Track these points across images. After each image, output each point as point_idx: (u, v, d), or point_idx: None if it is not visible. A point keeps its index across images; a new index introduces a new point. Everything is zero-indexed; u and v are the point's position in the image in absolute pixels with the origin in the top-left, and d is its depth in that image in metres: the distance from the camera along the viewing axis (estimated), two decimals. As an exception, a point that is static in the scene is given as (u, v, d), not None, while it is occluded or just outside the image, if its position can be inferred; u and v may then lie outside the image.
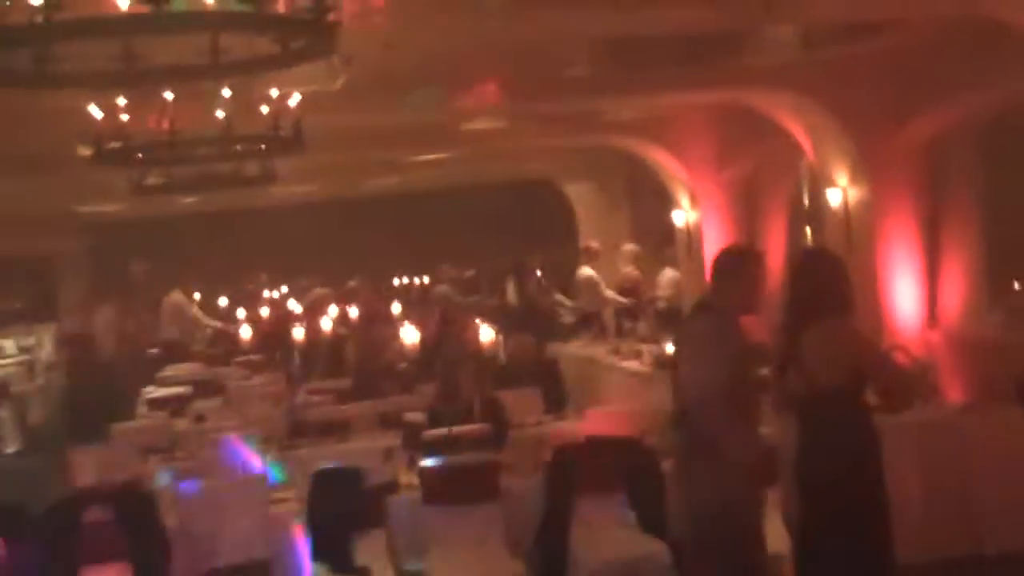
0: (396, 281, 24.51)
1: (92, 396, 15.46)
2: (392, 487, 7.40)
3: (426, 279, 21.58)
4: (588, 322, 16.22)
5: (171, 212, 23.70)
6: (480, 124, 15.18)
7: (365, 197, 23.14)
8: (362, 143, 15.92)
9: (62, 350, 18.12)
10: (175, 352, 15.86)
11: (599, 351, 14.28)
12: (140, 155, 10.04)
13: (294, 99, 7.55)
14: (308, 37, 4.49)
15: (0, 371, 18.52)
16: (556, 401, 10.03)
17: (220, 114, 8.45)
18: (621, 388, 12.99)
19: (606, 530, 7.15)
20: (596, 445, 7.52)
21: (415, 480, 7.24)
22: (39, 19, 4.06)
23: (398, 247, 22.09)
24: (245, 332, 11.08)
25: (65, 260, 26.38)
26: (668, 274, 15.95)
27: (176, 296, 17.40)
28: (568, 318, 16.88)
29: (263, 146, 8.74)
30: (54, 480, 9.48)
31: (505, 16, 7.51)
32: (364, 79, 9.26)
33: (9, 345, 23.25)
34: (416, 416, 8.59)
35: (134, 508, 6.86)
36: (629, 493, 7.23)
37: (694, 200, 15.60)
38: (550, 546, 7.11)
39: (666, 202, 16.43)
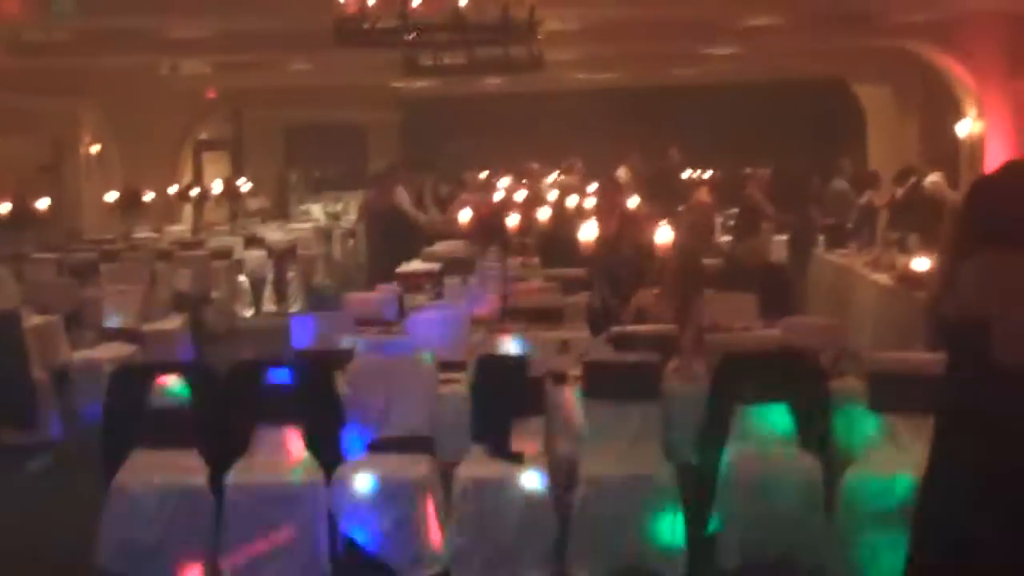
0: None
1: (377, 261, 16.34)
2: (560, 378, 7.56)
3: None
4: (859, 231, 15.77)
5: (479, 92, 24.37)
6: (759, 20, 14.91)
7: (660, 87, 23.17)
8: (645, 35, 15.95)
9: (361, 218, 19.05)
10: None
11: (857, 261, 13.89)
12: (412, 35, 10.48)
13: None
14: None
15: (292, 235, 19.58)
16: (775, 308, 9.86)
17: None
18: (866, 301, 12.66)
19: (763, 442, 7.11)
20: (765, 356, 7.45)
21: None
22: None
23: (687, 140, 21.87)
24: (464, 216, 11.34)
25: (378, 132, 27.60)
26: (932, 177, 15.25)
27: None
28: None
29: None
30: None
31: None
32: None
33: (316, 209, 24.57)
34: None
35: (311, 375, 7.30)
36: (793, 408, 7.15)
37: (980, 111, 14.86)
38: (706, 453, 7.14)
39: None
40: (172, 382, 7.11)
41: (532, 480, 6.88)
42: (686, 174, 20.93)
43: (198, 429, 7.07)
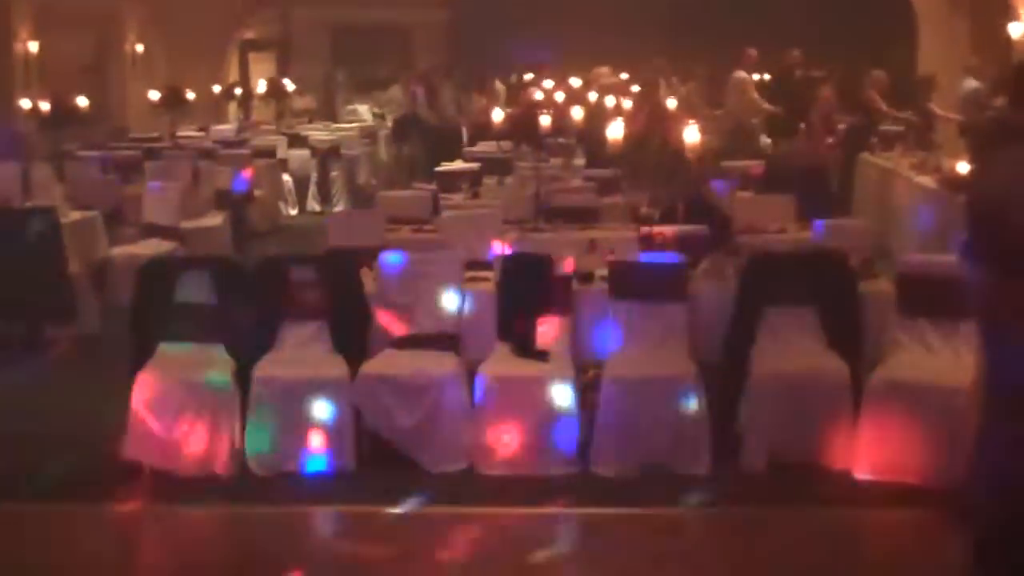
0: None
1: (411, 161, 16.36)
2: (587, 277, 7.53)
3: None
4: (912, 133, 15.50)
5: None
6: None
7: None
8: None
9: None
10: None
11: (902, 163, 13.67)
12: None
13: None
14: None
15: (337, 135, 19.54)
16: (814, 210, 9.76)
17: None
18: (909, 203, 12.49)
19: (791, 343, 7.06)
20: (794, 257, 7.36)
21: (607, 273, 7.37)
22: None
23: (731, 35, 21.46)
24: (497, 115, 11.25)
25: (424, 31, 27.36)
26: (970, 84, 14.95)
27: (740, 74, 17.03)
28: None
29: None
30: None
31: None
32: None
33: (363, 109, 24.47)
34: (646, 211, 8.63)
35: (336, 272, 7.31)
36: (821, 309, 7.08)
37: (1034, 11, 14.50)
38: (733, 354, 7.10)
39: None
40: (199, 276, 7.13)
41: (556, 378, 6.88)
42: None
43: (225, 323, 7.10)
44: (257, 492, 6.74)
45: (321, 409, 6.88)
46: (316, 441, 6.88)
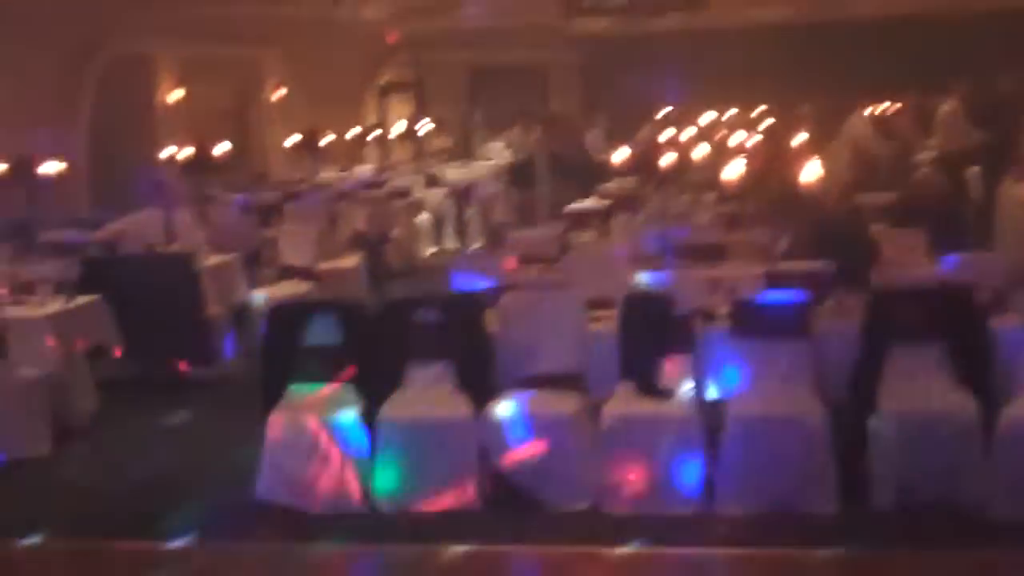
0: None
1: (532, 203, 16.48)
2: (709, 316, 7.51)
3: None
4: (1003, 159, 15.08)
5: (656, 31, 24.08)
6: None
7: (836, 22, 22.54)
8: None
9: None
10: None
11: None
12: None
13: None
14: None
15: (473, 173, 19.76)
16: (947, 244, 9.59)
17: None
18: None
19: (918, 381, 6.95)
20: (921, 293, 7.25)
21: (731, 311, 7.34)
22: None
23: (862, 73, 21.18)
24: (618, 156, 11.29)
25: (558, 72, 27.55)
26: None
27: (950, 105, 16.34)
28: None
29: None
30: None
31: None
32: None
33: (498, 147, 24.68)
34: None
35: (460, 313, 7.41)
36: (949, 346, 6.96)
37: None
38: (860, 392, 7.01)
39: None
40: (327, 319, 7.30)
41: (680, 417, 6.87)
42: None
43: (352, 364, 7.24)
44: (386, 530, 6.87)
45: (446, 448, 6.96)
46: (442, 480, 6.96)
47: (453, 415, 7.07)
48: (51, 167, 11.87)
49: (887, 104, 18.83)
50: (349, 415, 7.09)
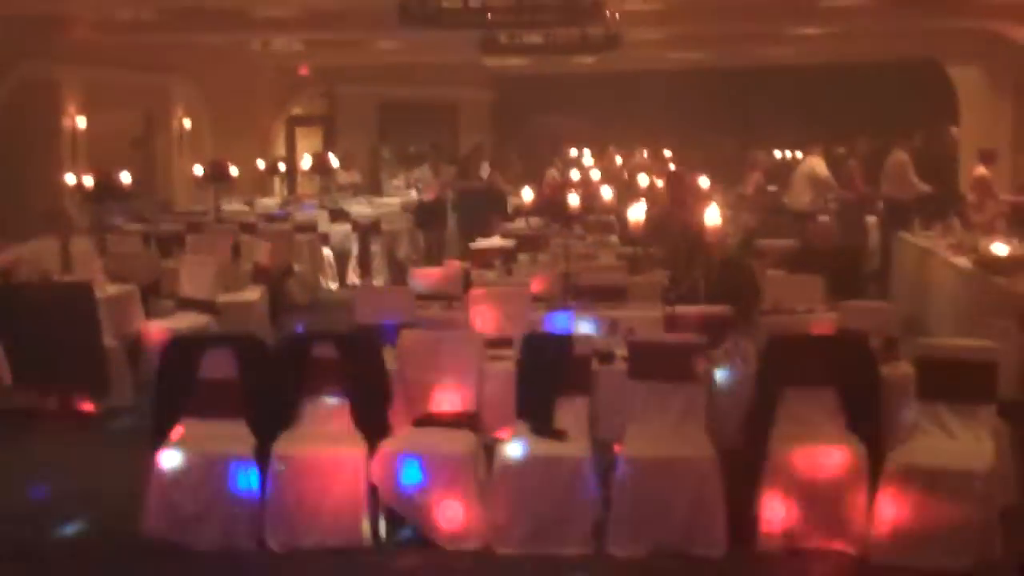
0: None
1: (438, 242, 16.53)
2: (607, 357, 7.55)
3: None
4: (944, 211, 15.47)
5: (569, 71, 24.27)
6: (841, 2, 14.70)
7: (749, 68, 22.90)
8: (728, 15, 15.79)
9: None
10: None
11: (940, 243, 13.62)
12: (488, 16, 10.57)
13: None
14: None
15: (379, 209, 19.74)
16: (843, 290, 9.76)
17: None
18: (946, 285, 12.43)
19: (810, 426, 7.04)
20: (814, 339, 7.35)
21: (629, 353, 7.38)
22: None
23: (772, 120, 21.65)
24: (527, 195, 11.34)
25: (469, 109, 27.69)
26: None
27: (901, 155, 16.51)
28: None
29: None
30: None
31: None
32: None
33: (405, 183, 24.69)
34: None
35: (359, 349, 7.37)
36: (841, 391, 7.06)
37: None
38: (752, 435, 7.08)
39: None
40: (222, 353, 7.22)
41: (574, 458, 6.89)
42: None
43: (246, 400, 7.17)
44: (276, 568, 6.79)
45: (339, 485, 6.90)
46: (333, 518, 6.90)
47: (346, 452, 7.01)
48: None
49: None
50: (241, 451, 7.01)
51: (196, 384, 7.23)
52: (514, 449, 6.99)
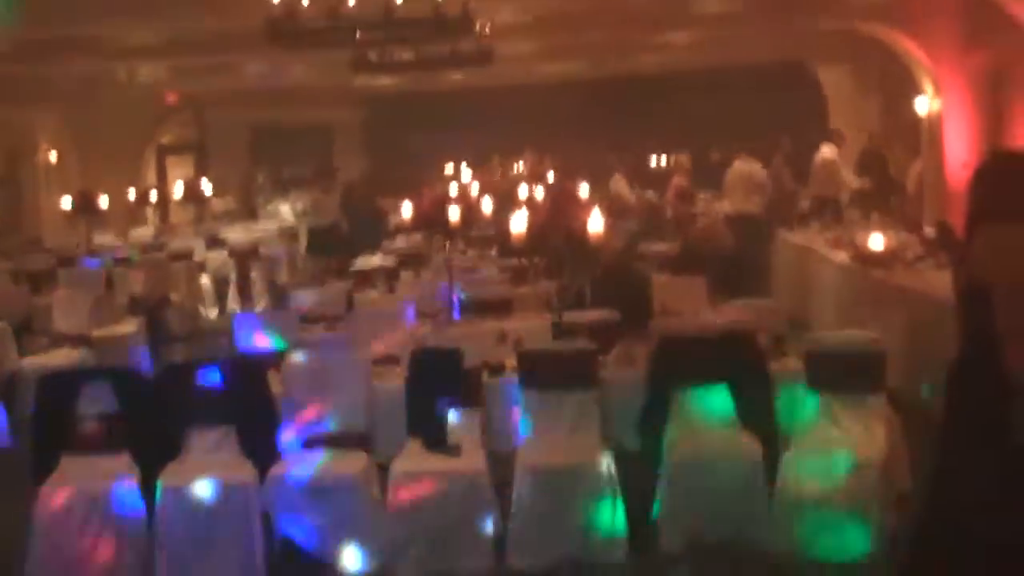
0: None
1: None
2: (498, 369, 7.47)
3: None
4: (822, 209, 15.73)
5: (441, 88, 24.22)
6: (715, 7, 14.85)
7: (622, 76, 23.07)
8: (597, 25, 15.86)
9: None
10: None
11: (818, 240, 13.80)
12: (356, 34, 10.42)
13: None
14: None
15: (256, 235, 19.46)
16: (725, 291, 9.81)
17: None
18: (826, 280, 12.60)
19: (703, 425, 7.03)
20: (703, 339, 7.35)
21: (516, 363, 7.31)
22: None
23: (647, 127, 21.84)
24: (406, 210, 11.25)
25: (343, 130, 27.50)
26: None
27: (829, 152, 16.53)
28: (805, 203, 16.51)
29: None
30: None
31: None
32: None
33: (285, 209, 24.41)
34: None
35: (242, 375, 7.19)
36: (733, 389, 7.06)
37: (937, 88, 14.81)
38: (646, 438, 7.06)
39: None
40: (100, 386, 6.98)
41: (469, 472, 6.79)
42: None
43: (129, 433, 6.95)
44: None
45: (229, 514, 6.71)
46: (225, 547, 6.71)
47: (235, 480, 6.82)
48: None
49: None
50: (125, 485, 6.78)
51: (75, 420, 6.97)
52: (407, 466, 6.86)
